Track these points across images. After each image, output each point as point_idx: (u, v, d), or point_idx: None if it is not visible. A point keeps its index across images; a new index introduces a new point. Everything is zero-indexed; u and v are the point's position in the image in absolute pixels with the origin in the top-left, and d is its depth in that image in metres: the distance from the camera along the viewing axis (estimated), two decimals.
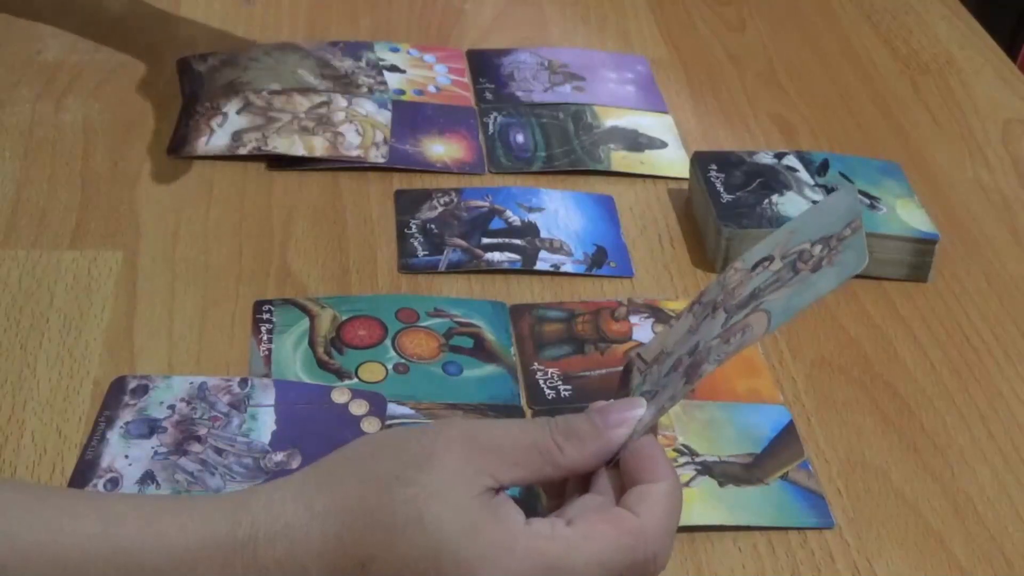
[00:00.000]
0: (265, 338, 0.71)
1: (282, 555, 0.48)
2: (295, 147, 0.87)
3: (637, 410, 0.53)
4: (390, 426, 0.66)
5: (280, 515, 0.49)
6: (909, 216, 0.82)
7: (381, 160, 0.88)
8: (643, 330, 0.74)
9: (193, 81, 0.95)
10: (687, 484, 0.64)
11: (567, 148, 0.91)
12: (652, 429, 0.53)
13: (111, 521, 0.48)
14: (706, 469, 0.65)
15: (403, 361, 0.71)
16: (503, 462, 0.50)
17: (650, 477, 0.51)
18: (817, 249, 0.52)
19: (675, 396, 0.52)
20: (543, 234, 0.82)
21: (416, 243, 0.80)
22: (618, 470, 0.52)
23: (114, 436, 0.64)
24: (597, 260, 0.80)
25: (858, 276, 0.79)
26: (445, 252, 0.80)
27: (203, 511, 0.49)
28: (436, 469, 0.48)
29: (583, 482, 0.53)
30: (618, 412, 0.53)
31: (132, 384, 0.67)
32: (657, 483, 0.51)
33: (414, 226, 0.82)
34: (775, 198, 0.82)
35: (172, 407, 0.66)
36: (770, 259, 0.54)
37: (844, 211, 0.53)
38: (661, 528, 0.50)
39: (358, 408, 0.67)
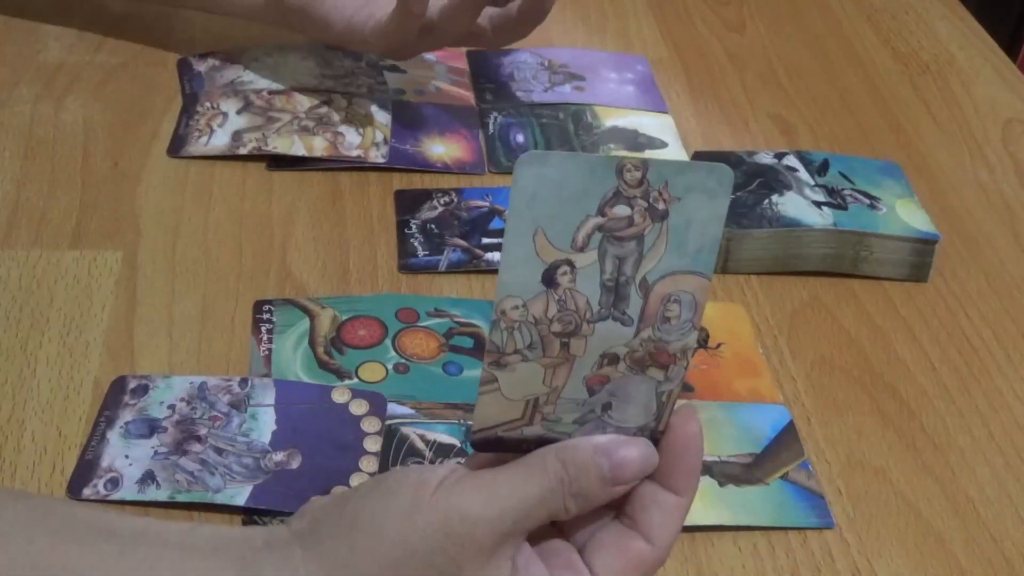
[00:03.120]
0: (265, 338, 0.71)
1: None
2: (295, 147, 0.87)
3: (651, 455, 0.50)
4: (390, 427, 0.66)
5: None
6: (909, 216, 0.82)
7: (381, 160, 0.88)
8: None
9: (193, 81, 0.95)
10: None
11: (567, 148, 0.91)
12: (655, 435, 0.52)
13: None
14: (706, 469, 0.65)
15: (403, 361, 0.71)
16: (519, 535, 0.49)
17: (680, 489, 0.50)
18: (621, 210, 0.47)
19: (672, 379, 0.50)
20: None
21: (416, 243, 0.80)
22: None
23: (114, 436, 0.64)
24: None
25: (858, 276, 0.81)
26: (445, 252, 0.80)
27: None
28: None
29: None
30: (632, 467, 0.50)
31: (132, 384, 0.67)
32: (681, 496, 0.50)
33: (414, 226, 0.82)
34: (775, 198, 0.82)
35: (172, 407, 0.66)
36: (558, 265, 0.48)
37: (584, 173, 0.47)
38: (670, 544, 0.50)
39: (358, 408, 0.67)
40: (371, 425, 0.66)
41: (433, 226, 0.82)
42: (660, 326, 0.49)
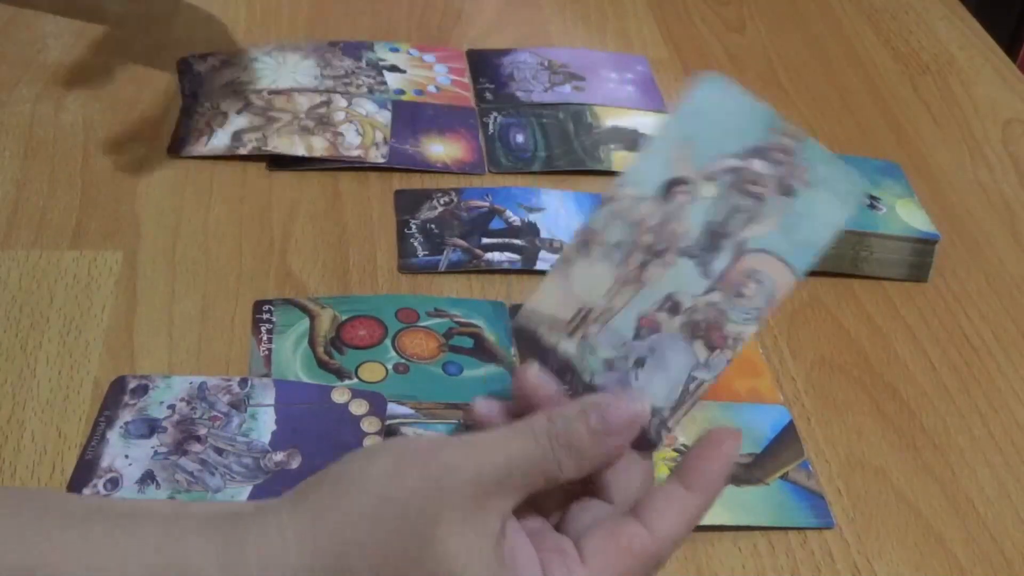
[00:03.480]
0: (265, 338, 0.71)
1: None
2: (295, 147, 0.87)
3: (639, 408, 0.49)
4: (390, 427, 0.66)
5: None
6: (909, 216, 0.82)
7: (381, 160, 0.88)
8: None
9: (193, 81, 0.95)
10: None
11: (567, 148, 0.91)
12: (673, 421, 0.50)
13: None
14: None
15: (403, 361, 0.71)
16: (506, 496, 0.47)
17: (692, 484, 0.49)
18: (759, 165, 0.48)
19: (710, 366, 0.49)
20: (543, 234, 0.82)
21: (416, 243, 0.80)
22: (641, 467, 0.50)
23: (114, 436, 0.64)
24: None
25: (858, 276, 0.81)
26: (445, 252, 0.80)
27: (193, 563, 0.47)
28: (448, 542, 0.46)
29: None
30: (621, 415, 0.48)
31: (132, 384, 0.67)
32: (692, 492, 0.49)
33: (414, 226, 0.82)
34: None
35: (172, 407, 0.66)
36: (685, 181, 0.49)
37: (740, 111, 0.48)
38: (674, 545, 0.48)
39: (358, 408, 0.67)
40: (371, 425, 0.66)
41: (433, 226, 0.82)
42: (731, 298, 0.48)
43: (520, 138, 0.92)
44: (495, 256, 0.79)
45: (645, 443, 0.50)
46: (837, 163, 0.47)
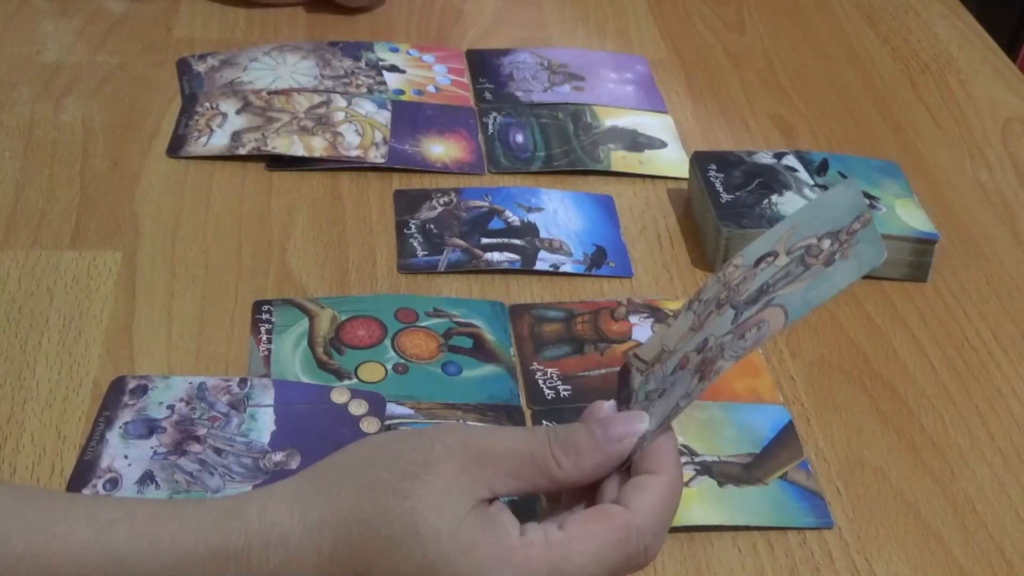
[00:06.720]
0: (264, 338, 0.71)
1: (277, 565, 0.48)
2: (295, 147, 0.87)
3: (640, 424, 0.52)
4: (389, 427, 0.66)
5: (275, 524, 0.48)
6: (909, 216, 0.82)
7: (381, 160, 0.88)
8: (642, 330, 0.74)
9: (193, 81, 0.95)
10: (687, 484, 0.64)
11: (566, 148, 0.91)
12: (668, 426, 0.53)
13: (103, 527, 0.48)
14: (705, 469, 0.65)
15: (402, 361, 0.71)
16: (499, 472, 0.49)
17: (653, 468, 0.51)
18: (826, 243, 0.52)
19: (690, 394, 0.51)
20: (542, 234, 0.82)
21: (415, 243, 0.80)
22: (627, 474, 0.52)
23: (113, 436, 0.64)
24: (596, 260, 0.80)
25: None
26: (444, 252, 0.80)
27: (196, 518, 0.49)
28: (432, 480, 0.48)
29: (582, 487, 0.53)
30: (620, 427, 0.51)
31: (131, 384, 0.67)
32: (657, 475, 0.51)
33: (413, 226, 0.82)
34: (774, 198, 0.82)
35: (171, 407, 0.66)
36: (774, 254, 0.54)
37: (849, 205, 0.53)
38: (652, 520, 0.50)
39: (357, 408, 0.67)
40: (370, 425, 0.66)
41: (432, 226, 0.82)
42: (736, 340, 0.51)
43: (519, 138, 0.92)
44: (494, 256, 0.79)
45: (626, 459, 0.52)
46: (876, 242, 0.50)
